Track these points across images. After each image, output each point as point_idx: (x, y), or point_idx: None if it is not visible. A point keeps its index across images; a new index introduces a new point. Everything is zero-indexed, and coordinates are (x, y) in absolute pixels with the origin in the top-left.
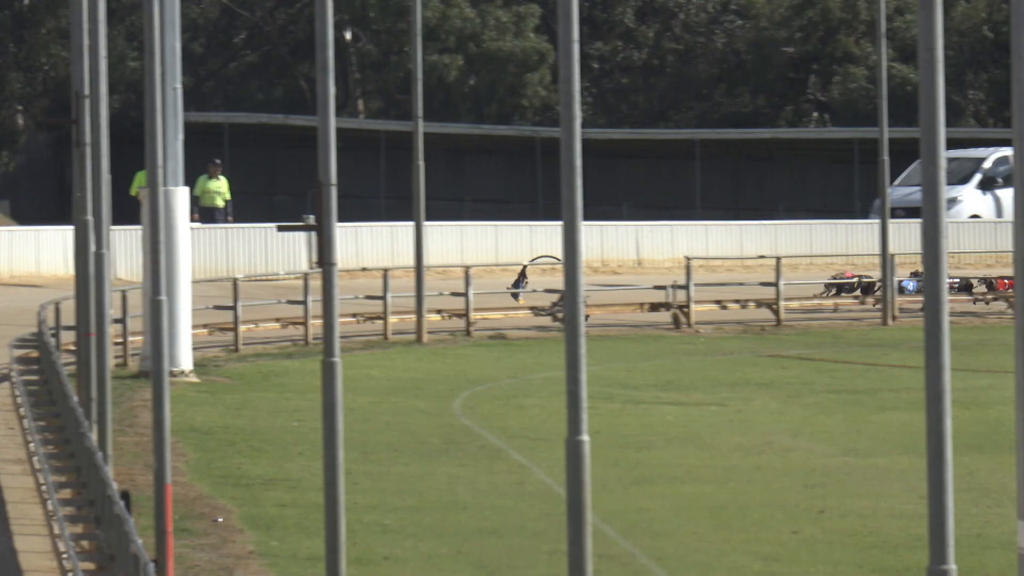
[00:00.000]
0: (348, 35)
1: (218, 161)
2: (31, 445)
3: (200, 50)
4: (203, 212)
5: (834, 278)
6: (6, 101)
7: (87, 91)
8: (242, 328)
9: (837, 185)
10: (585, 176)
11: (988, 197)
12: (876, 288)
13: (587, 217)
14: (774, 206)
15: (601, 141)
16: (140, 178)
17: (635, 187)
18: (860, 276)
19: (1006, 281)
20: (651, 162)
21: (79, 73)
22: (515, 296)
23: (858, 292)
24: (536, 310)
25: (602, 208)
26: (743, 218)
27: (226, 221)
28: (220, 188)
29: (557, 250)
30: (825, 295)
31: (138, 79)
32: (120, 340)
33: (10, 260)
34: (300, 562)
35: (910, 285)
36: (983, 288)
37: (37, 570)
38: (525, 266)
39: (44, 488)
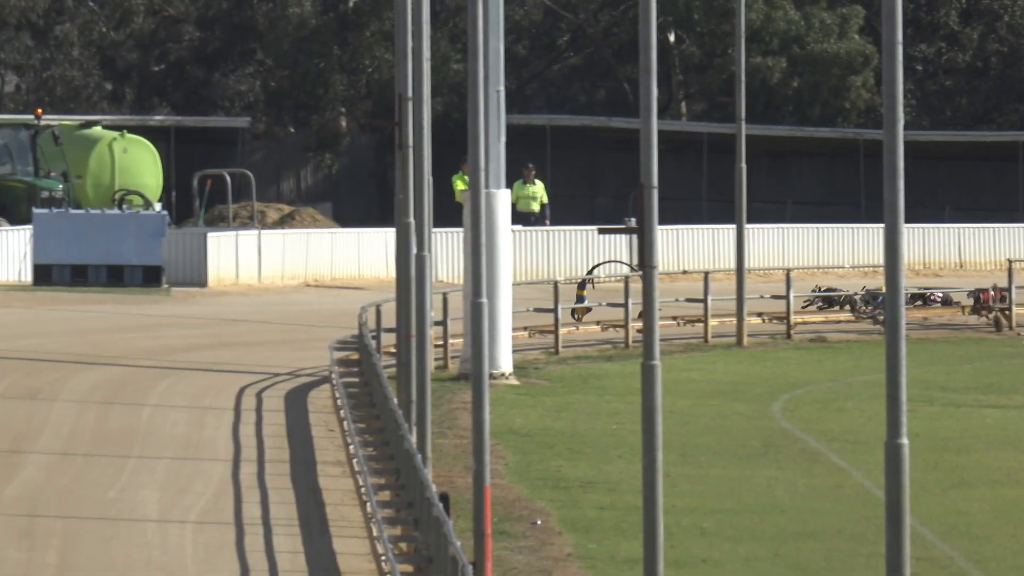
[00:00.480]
0: (672, 37)
1: (531, 165)
2: (351, 447)
3: (523, 52)
4: (519, 218)
5: (817, 289)
6: (330, 104)
7: (410, 93)
8: (562, 331)
9: None
10: (907, 178)
11: None
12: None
13: (909, 219)
14: None
15: (924, 143)
16: (460, 180)
17: (957, 189)
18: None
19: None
20: (974, 164)
21: (403, 75)
22: (579, 301)
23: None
24: (859, 314)
25: (924, 210)
26: None
27: (542, 225)
28: (535, 193)
29: (878, 254)
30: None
31: (461, 81)
32: (440, 342)
33: (332, 262)
34: (618, 564)
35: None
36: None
37: (356, 572)
38: (589, 275)
39: (363, 490)
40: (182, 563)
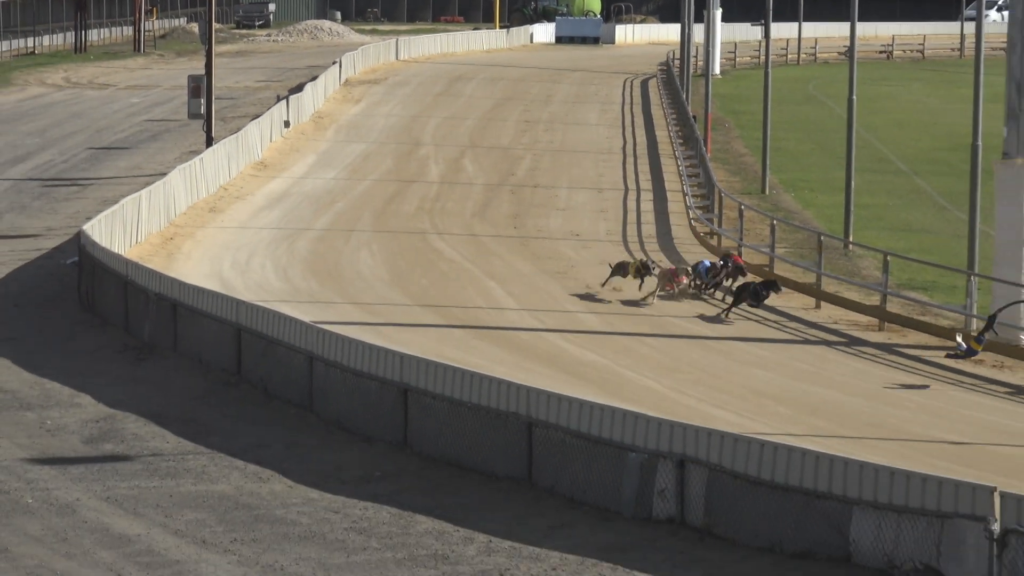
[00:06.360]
0: None
1: None
2: (662, 97)
3: None
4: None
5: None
6: None
7: None
8: (739, 59)
9: None
10: None
11: None
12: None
13: None
14: None
15: None
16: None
17: None
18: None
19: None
20: None
21: None
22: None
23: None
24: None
25: None
26: None
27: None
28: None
29: None
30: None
31: None
32: (695, 57)
33: (667, 35)
34: (755, 143)
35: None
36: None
37: (664, 141)
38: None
39: (666, 113)
40: (599, 141)
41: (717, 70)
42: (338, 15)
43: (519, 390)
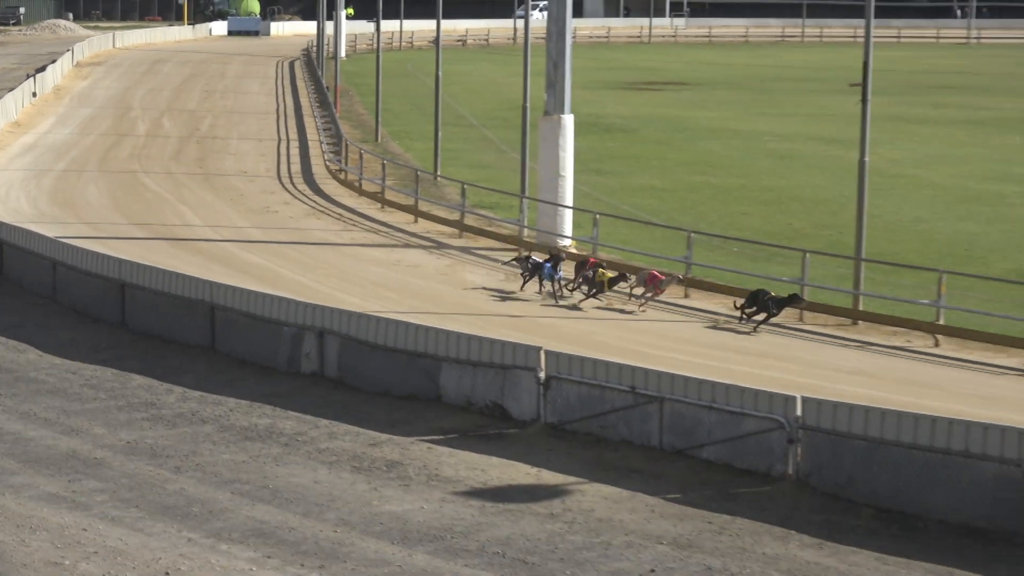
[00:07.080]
0: None
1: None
2: (304, 73)
3: None
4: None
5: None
6: None
7: None
8: (362, 45)
9: None
10: None
11: None
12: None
13: None
14: None
15: None
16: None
17: None
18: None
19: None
20: None
21: None
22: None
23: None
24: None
25: None
26: None
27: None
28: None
29: None
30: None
31: None
32: (328, 47)
33: (297, 28)
34: (370, 102)
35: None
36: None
37: (306, 107)
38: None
39: (306, 82)
40: (258, 102)
41: (343, 54)
42: (71, 15)
43: (204, 284)
